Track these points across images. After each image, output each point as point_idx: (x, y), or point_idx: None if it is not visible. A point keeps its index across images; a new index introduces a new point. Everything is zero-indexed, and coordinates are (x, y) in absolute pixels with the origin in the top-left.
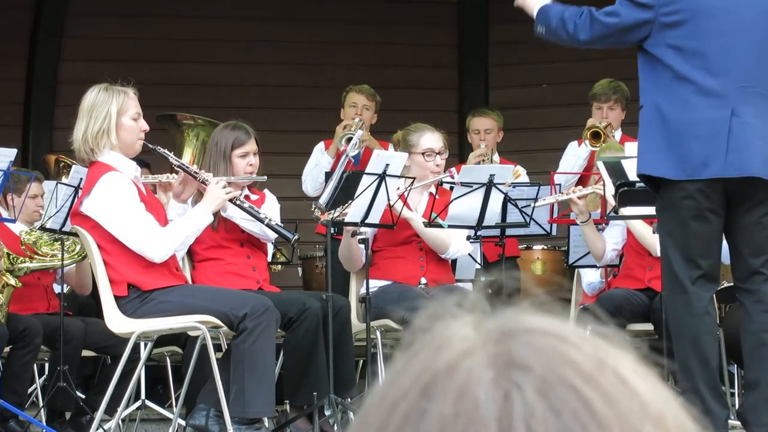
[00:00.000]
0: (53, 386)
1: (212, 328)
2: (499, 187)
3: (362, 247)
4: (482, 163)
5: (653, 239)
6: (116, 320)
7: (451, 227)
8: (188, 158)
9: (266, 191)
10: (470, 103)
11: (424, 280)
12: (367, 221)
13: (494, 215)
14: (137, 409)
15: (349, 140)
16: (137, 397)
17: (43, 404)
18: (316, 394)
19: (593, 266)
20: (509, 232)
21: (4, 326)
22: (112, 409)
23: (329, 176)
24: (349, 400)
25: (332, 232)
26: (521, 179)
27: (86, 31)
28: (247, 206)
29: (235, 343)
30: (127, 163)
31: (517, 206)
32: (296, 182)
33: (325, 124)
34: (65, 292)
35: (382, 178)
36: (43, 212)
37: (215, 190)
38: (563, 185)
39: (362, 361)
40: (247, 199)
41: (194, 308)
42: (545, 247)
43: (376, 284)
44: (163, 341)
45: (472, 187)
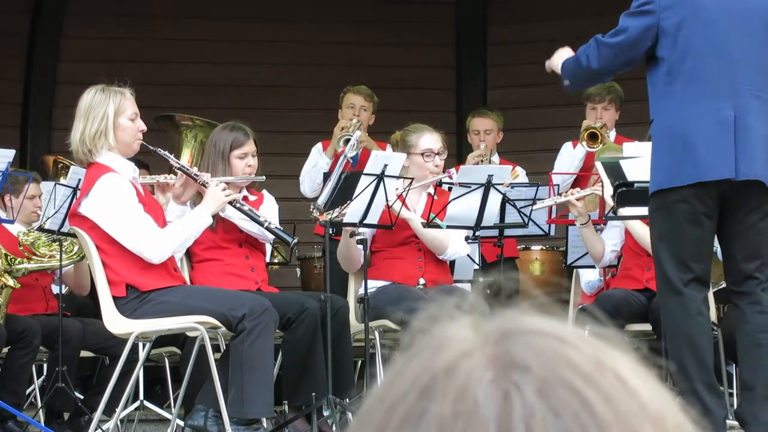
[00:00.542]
0: (52, 387)
1: (211, 328)
2: (497, 187)
3: (361, 247)
4: (481, 163)
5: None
6: (115, 321)
7: (449, 228)
8: (186, 159)
9: (265, 192)
10: (468, 103)
11: (422, 280)
12: (365, 222)
13: (493, 216)
14: (136, 409)
15: (347, 141)
16: (136, 397)
17: (41, 405)
18: (314, 394)
19: (592, 266)
20: (508, 232)
21: (2, 327)
22: (110, 409)
23: (327, 177)
24: (347, 400)
25: (330, 232)
26: (520, 180)
27: (84, 31)
28: (246, 209)
29: (233, 343)
30: (125, 163)
31: (515, 207)
32: (294, 183)
33: (323, 124)
34: (63, 293)
35: (380, 178)
36: (41, 213)
37: (215, 192)
38: (560, 186)
39: (361, 361)
40: (245, 200)
41: (193, 309)
42: (544, 247)
43: (374, 285)
44: (161, 342)
45: (470, 187)
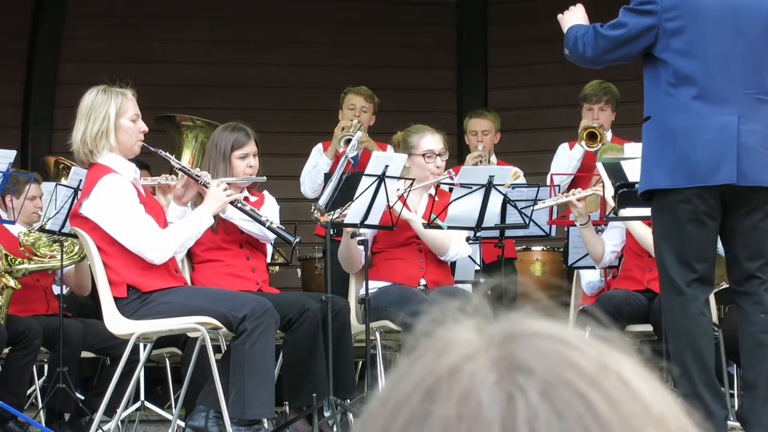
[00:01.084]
0: (52, 387)
1: (212, 329)
2: (498, 188)
3: (362, 248)
4: (480, 164)
5: (652, 240)
6: (116, 321)
7: (450, 228)
8: (187, 160)
9: (265, 192)
10: (469, 104)
11: (423, 281)
12: (366, 222)
13: (493, 216)
14: (136, 410)
15: (347, 142)
16: (136, 398)
17: (42, 405)
18: (315, 395)
19: (592, 267)
20: (509, 233)
21: (3, 328)
22: (111, 410)
23: (328, 177)
24: (348, 401)
25: (331, 233)
26: (518, 181)
27: (85, 32)
28: (248, 209)
29: (234, 344)
30: (126, 164)
31: (516, 207)
32: (295, 183)
33: (324, 125)
34: (64, 293)
35: (381, 179)
36: (41, 214)
37: (216, 192)
38: (559, 188)
39: (361, 362)
40: (246, 200)
41: (194, 309)
42: (544, 248)
43: (375, 285)
44: (162, 342)
45: (471, 188)
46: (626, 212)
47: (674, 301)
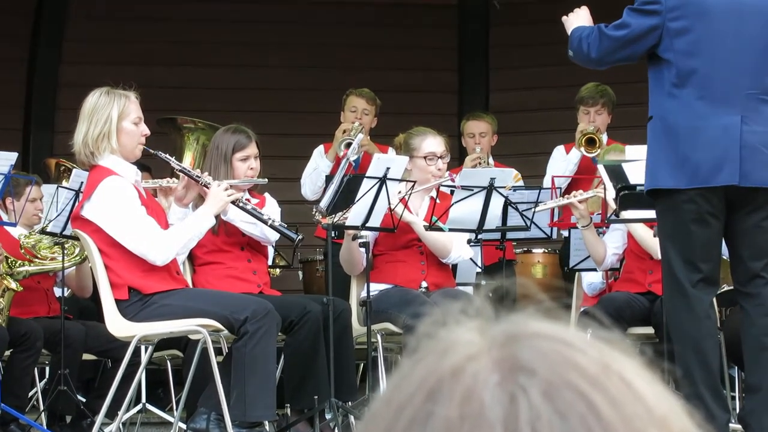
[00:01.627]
0: (54, 390)
1: (213, 331)
2: (499, 190)
3: (363, 250)
4: (478, 166)
5: (654, 242)
6: (117, 324)
7: (451, 231)
8: (188, 162)
9: (266, 195)
10: (470, 106)
11: (424, 283)
12: (367, 225)
13: (495, 219)
14: (138, 412)
15: (348, 145)
16: (138, 400)
17: (43, 408)
18: (317, 397)
19: (593, 269)
20: (510, 235)
21: (4, 330)
22: (112, 412)
23: (329, 180)
24: (349, 403)
25: (333, 235)
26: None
27: (87, 34)
28: (250, 208)
29: (236, 346)
30: (127, 167)
31: (517, 210)
32: (296, 185)
33: (325, 127)
34: (66, 295)
35: (382, 181)
36: (42, 216)
37: (218, 192)
38: (560, 190)
39: (363, 364)
40: (247, 201)
41: (195, 312)
42: (546, 250)
43: (376, 288)
44: (163, 345)
45: (472, 190)
46: (628, 214)
47: (679, 302)
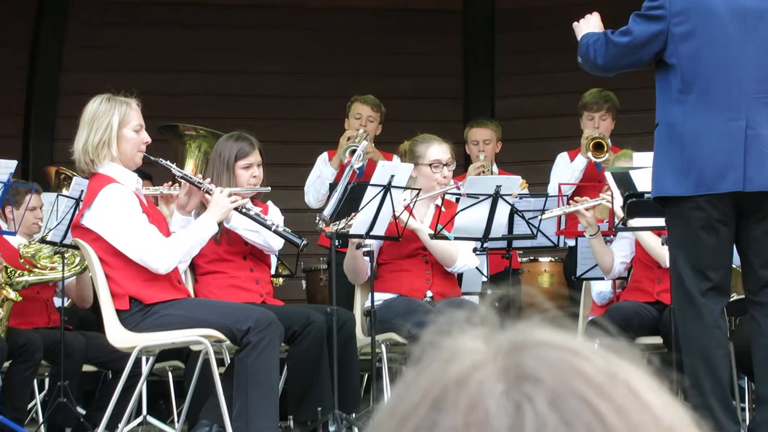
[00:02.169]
0: (53, 402)
1: (215, 342)
2: (505, 198)
3: (367, 259)
4: (483, 174)
5: (662, 251)
6: (118, 334)
7: (457, 239)
8: (190, 169)
9: (269, 203)
10: (476, 113)
11: (429, 293)
12: (372, 233)
13: (501, 227)
14: (139, 425)
15: (353, 152)
16: (138, 412)
17: (43, 420)
18: (320, 409)
19: (600, 278)
20: (516, 244)
21: (3, 341)
22: (113, 425)
23: (333, 187)
24: (353, 415)
25: (337, 244)
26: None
27: (88, 40)
28: (253, 213)
29: (238, 357)
30: (128, 174)
31: (524, 218)
32: (300, 193)
33: (329, 134)
34: (65, 305)
35: (387, 189)
36: (42, 224)
37: (220, 198)
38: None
39: (367, 375)
40: None
41: (197, 322)
42: (553, 259)
43: (381, 297)
44: (165, 355)
45: (478, 198)
46: (635, 223)
47: (688, 311)
